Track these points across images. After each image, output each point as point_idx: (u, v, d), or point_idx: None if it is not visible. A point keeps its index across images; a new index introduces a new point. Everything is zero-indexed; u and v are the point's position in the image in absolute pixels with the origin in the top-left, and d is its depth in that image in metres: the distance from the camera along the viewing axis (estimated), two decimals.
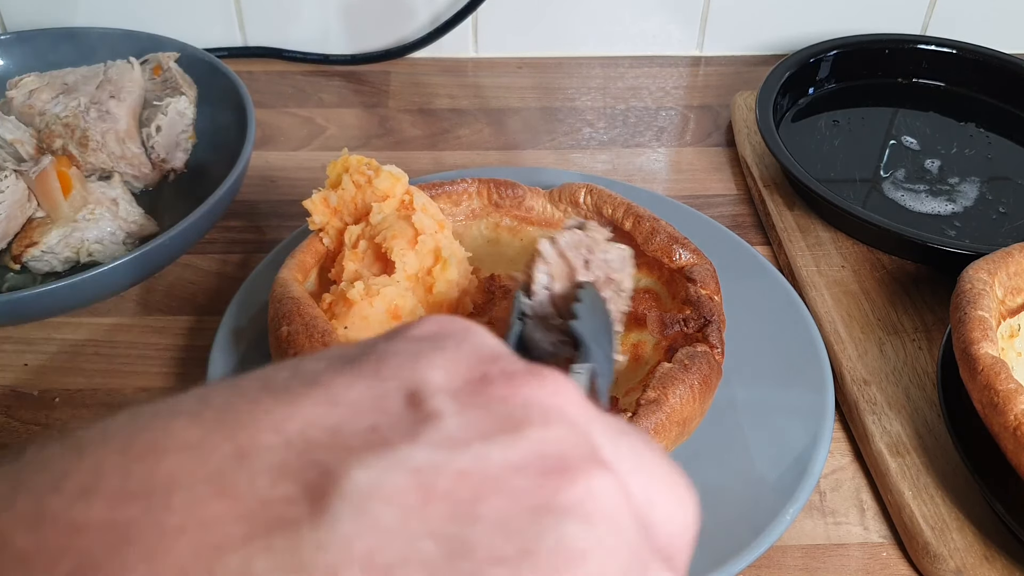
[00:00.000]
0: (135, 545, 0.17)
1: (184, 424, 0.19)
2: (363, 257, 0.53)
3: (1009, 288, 0.55)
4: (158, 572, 0.16)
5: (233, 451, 0.18)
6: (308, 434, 0.18)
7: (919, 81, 0.84)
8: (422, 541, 0.17)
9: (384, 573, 0.17)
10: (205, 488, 0.17)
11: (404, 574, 0.17)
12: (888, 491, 0.52)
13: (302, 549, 0.16)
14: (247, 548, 0.16)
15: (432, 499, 0.18)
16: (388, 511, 0.17)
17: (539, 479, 0.18)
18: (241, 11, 0.89)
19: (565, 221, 0.49)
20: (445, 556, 0.17)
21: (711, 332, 0.51)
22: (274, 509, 0.17)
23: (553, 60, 0.93)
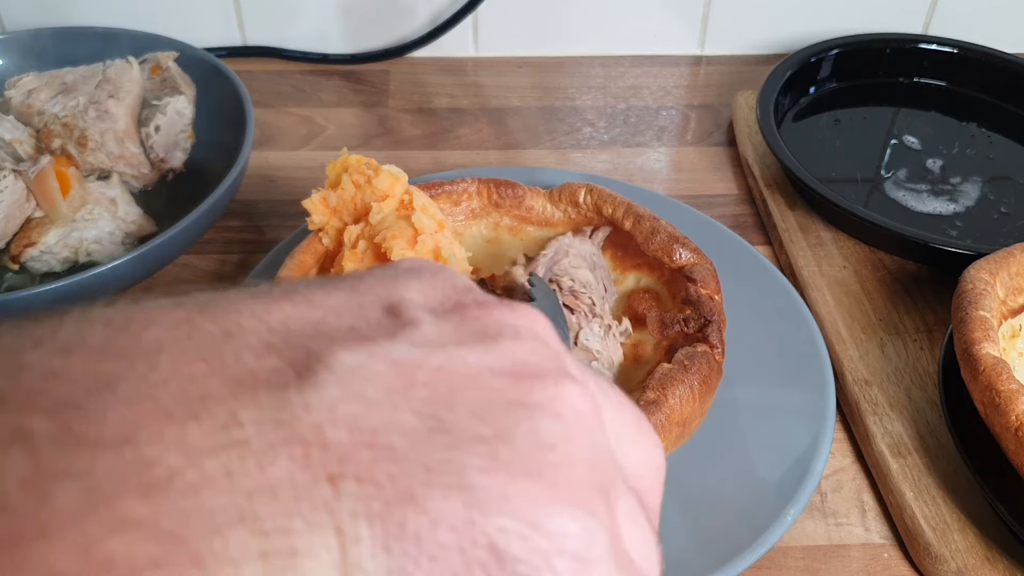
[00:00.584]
0: (117, 391, 0.16)
1: (168, 306, 0.19)
2: (362, 257, 0.53)
3: (1011, 288, 0.55)
4: (140, 416, 0.16)
5: (219, 331, 0.18)
6: (291, 325, 0.19)
7: (921, 81, 0.84)
8: (404, 415, 0.18)
9: (368, 436, 0.17)
10: (192, 353, 0.17)
11: (387, 439, 0.17)
12: (889, 492, 0.52)
13: (289, 406, 0.17)
14: (234, 400, 0.17)
15: (413, 386, 0.18)
16: (372, 387, 0.18)
17: (513, 380, 0.19)
18: (240, 10, 0.89)
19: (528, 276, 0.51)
20: (426, 430, 0.18)
21: (711, 332, 0.51)
22: (261, 375, 0.17)
23: (553, 59, 0.93)
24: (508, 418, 0.19)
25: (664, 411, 0.45)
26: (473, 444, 0.18)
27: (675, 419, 0.46)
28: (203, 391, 0.17)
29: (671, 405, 0.46)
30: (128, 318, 0.18)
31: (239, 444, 0.16)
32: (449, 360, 0.19)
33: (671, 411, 0.46)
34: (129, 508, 0.15)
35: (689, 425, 0.47)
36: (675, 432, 0.46)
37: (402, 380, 0.18)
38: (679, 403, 0.46)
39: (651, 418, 0.45)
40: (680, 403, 0.46)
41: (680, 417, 0.46)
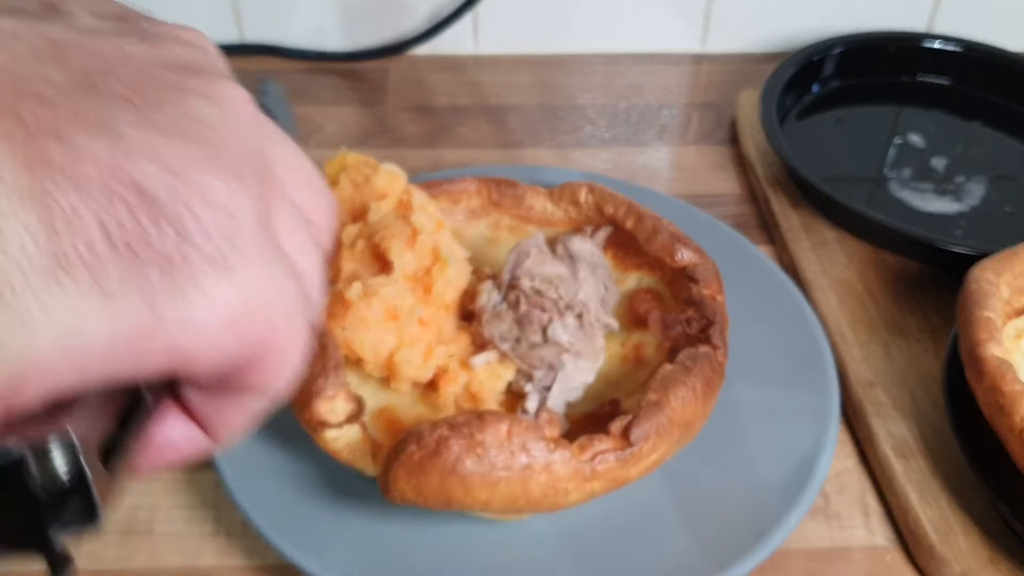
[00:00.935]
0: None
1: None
2: (361, 257, 0.52)
3: (1016, 288, 0.55)
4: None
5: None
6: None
7: (924, 79, 0.84)
8: (54, 72, 0.18)
9: (13, 80, 0.18)
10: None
11: (33, 87, 0.18)
12: (893, 494, 0.52)
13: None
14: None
15: (65, 58, 0.19)
16: (21, 45, 0.19)
17: (171, 70, 0.21)
18: (238, 7, 0.88)
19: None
20: (76, 86, 0.18)
21: (714, 333, 0.50)
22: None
23: (554, 57, 0.93)
24: (163, 94, 0.20)
25: (666, 412, 0.45)
26: (124, 104, 0.19)
27: (677, 420, 0.46)
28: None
29: (673, 406, 0.45)
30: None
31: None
32: (107, 45, 0.20)
33: (673, 412, 0.45)
34: None
35: (691, 427, 0.47)
36: (677, 433, 0.46)
37: (54, 50, 0.19)
38: (681, 404, 0.46)
39: (653, 419, 0.45)
40: (682, 404, 0.46)
41: (682, 419, 0.46)
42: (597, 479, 0.43)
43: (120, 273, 0.18)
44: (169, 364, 0.20)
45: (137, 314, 0.19)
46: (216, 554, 0.50)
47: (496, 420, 0.42)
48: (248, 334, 0.21)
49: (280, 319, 0.22)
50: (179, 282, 0.19)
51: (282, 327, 0.22)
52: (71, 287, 0.18)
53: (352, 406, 0.46)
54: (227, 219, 0.20)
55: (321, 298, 0.25)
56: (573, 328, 0.51)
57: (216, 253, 0.20)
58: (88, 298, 0.18)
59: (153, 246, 0.19)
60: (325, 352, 0.46)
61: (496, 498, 0.42)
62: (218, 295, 0.20)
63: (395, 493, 0.43)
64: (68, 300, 0.18)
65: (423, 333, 0.50)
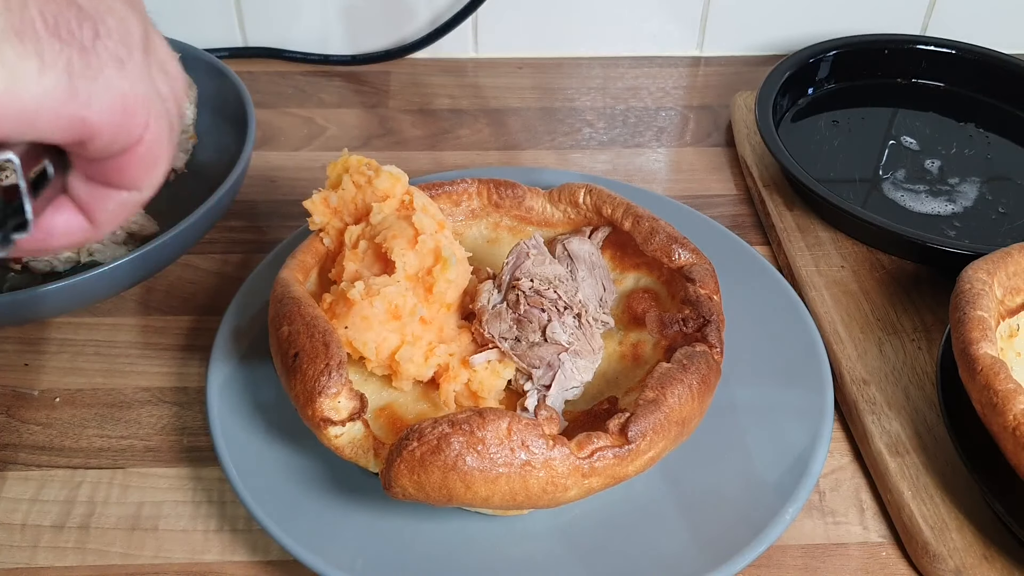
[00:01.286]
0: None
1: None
2: (363, 257, 0.53)
3: (1008, 288, 0.55)
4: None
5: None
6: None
7: (919, 81, 0.85)
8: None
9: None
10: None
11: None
12: (888, 491, 0.53)
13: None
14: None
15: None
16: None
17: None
18: (241, 11, 0.89)
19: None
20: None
21: (710, 332, 0.51)
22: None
23: (553, 60, 0.93)
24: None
25: (663, 410, 0.46)
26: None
27: (674, 418, 0.46)
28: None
29: (670, 404, 0.46)
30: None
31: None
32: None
33: (670, 410, 0.46)
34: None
35: (688, 424, 0.48)
36: (674, 431, 0.46)
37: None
38: (678, 402, 0.46)
39: (650, 417, 0.45)
40: (679, 402, 0.46)
41: (679, 416, 0.46)
42: (595, 475, 0.44)
43: (52, 50, 0.26)
44: (73, 130, 0.28)
45: (61, 82, 0.26)
46: (221, 550, 0.50)
47: (496, 417, 0.43)
48: (132, 119, 0.29)
49: (154, 116, 0.30)
50: (92, 66, 0.27)
51: (154, 124, 0.30)
52: (19, 48, 0.25)
53: (354, 403, 0.47)
54: (126, 32, 0.29)
55: (180, 124, 0.34)
56: (572, 327, 0.52)
57: (117, 52, 0.28)
58: (30, 60, 0.26)
59: (76, 37, 0.27)
60: (328, 350, 0.47)
61: (496, 494, 0.43)
62: (115, 82, 0.28)
63: (397, 489, 0.44)
64: (16, 58, 0.25)
65: (424, 332, 0.51)
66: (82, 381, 0.60)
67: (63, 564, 0.50)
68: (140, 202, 0.33)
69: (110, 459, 0.55)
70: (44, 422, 0.57)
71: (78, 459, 0.55)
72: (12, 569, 0.49)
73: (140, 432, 0.57)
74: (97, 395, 0.59)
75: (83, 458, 0.55)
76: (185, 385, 0.60)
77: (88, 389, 0.59)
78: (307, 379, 0.46)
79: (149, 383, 0.60)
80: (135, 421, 0.57)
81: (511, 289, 0.52)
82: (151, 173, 0.32)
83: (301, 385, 0.47)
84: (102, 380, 0.60)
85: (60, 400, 0.58)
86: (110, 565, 0.50)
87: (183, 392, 0.59)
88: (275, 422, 0.53)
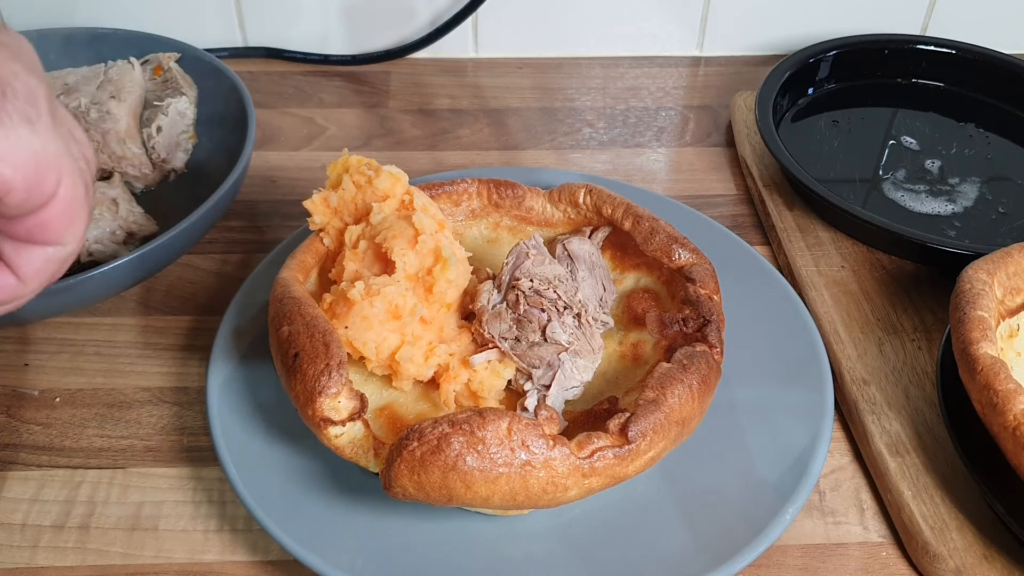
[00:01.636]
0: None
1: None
2: (363, 257, 0.53)
3: (1008, 288, 0.55)
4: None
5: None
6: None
7: (919, 81, 0.85)
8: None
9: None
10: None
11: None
12: (887, 491, 0.53)
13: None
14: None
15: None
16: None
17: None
18: (241, 11, 0.89)
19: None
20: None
21: (710, 332, 0.51)
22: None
23: (553, 60, 0.93)
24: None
25: (663, 410, 0.46)
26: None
27: (674, 418, 0.46)
28: None
29: (670, 404, 0.46)
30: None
31: None
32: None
33: (670, 410, 0.46)
34: None
35: (688, 424, 0.48)
36: (674, 431, 0.46)
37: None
38: (678, 402, 0.46)
39: (650, 417, 0.45)
40: (679, 402, 0.46)
41: (679, 416, 0.46)
42: (595, 475, 0.44)
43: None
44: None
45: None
46: (221, 549, 0.50)
47: (496, 417, 0.43)
48: (45, 175, 0.31)
49: (67, 172, 0.32)
50: (4, 125, 0.30)
51: (68, 180, 0.32)
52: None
53: (355, 403, 0.47)
54: (32, 95, 0.31)
55: (93, 175, 0.36)
56: (572, 327, 0.52)
57: (26, 113, 0.31)
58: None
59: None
60: (328, 350, 0.47)
61: (496, 494, 0.43)
62: (26, 140, 0.31)
63: (397, 489, 0.44)
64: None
65: (425, 332, 0.51)
66: (82, 381, 0.60)
67: (63, 564, 0.50)
68: (66, 256, 0.35)
69: (110, 459, 0.55)
70: (44, 422, 0.57)
71: (78, 459, 0.55)
72: (12, 569, 0.49)
73: (140, 432, 0.57)
74: (97, 395, 0.59)
75: (83, 458, 0.55)
76: (185, 385, 0.60)
77: (88, 389, 0.59)
78: (307, 379, 0.46)
79: (149, 383, 0.60)
80: (135, 421, 0.57)
81: (511, 289, 0.52)
82: (71, 228, 0.34)
83: (301, 385, 0.47)
84: (102, 380, 0.60)
85: (60, 400, 0.58)
86: (110, 565, 0.50)
87: (183, 392, 0.59)
88: (275, 422, 0.53)
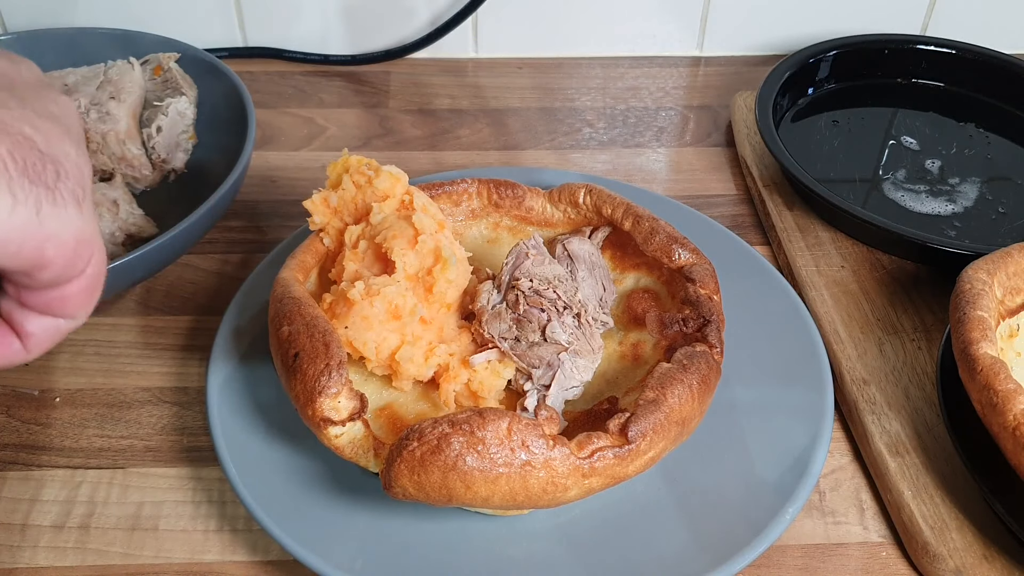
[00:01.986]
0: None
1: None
2: (363, 257, 0.53)
3: (1008, 288, 0.55)
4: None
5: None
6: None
7: (919, 81, 0.85)
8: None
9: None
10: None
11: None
12: (887, 491, 0.53)
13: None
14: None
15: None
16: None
17: (31, 82, 0.34)
18: (241, 11, 0.89)
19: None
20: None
21: (710, 332, 0.51)
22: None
23: (553, 60, 0.93)
24: (30, 94, 0.33)
25: (663, 410, 0.46)
26: (10, 96, 0.32)
27: (674, 418, 0.46)
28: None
29: (670, 404, 0.46)
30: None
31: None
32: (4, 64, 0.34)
33: (670, 410, 0.46)
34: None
35: (688, 424, 0.48)
36: (674, 431, 0.46)
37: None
38: (678, 402, 0.46)
39: (650, 417, 0.45)
40: (679, 402, 0.46)
41: (679, 416, 0.46)
42: (595, 475, 0.44)
43: (23, 188, 0.29)
44: (30, 261, 0.31)
45: (30, 218, 0.30)
46: (221, 549, 0.50)
47: (496, 417, 0.43)
48: (82, 253, 0.32)
49: (97, 248, 0.33)
50: (57, 204, 0.30)
51: (96, 258, 0.33)
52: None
53: (355, 403, 0.47)
54: (80, 173, 0.32)
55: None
56: (571, 327, 0.52)
57: (75, 192, 0.31)
58: (4, 198, 0.29)
59: (42, 177, 0.30)
60: (328, 350, 0.47)
61: (496, 494, 0.43)
62: (74, 220, 0.31)
63: (397, 489, 0.44)
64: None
65: (425, 332, 0.51)
66: (82, 381, 0.60)
67: (63, 564, 0.50)
68: (73, 329, 0.36)
69: (110, 459, 0.55)
70: (44, 422, 0.57)
71: (78, 459, 0.55)
72: (12, 569, 0.49)
73: (140, 432, 0.57)
74: (97, 395, 0.59)
75: (83, 458, 0.55)
76: (185, 385, 0.60)
77: (88, 389, 0.59)
78: (307, 379, 0.46)
79: (149, 383, 0.60)
80: (135, 421, 0.57)
81: (510, 289, 0.52)
82: (89, 303, 0.35)
83: (301, 385, 0.47)
84: (102, 380, 0.60)
85: (60, 400, 0.58)
86: (110, 565, 0.50)
87: (183, 392, 0.59)
88: (275, 422, 0.53)
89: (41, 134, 0.31)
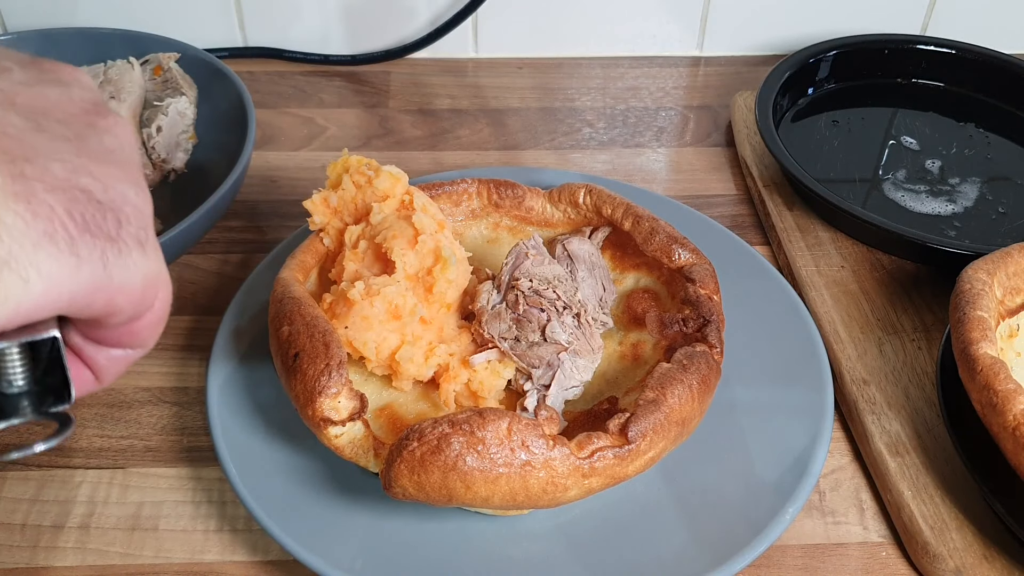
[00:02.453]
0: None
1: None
2: (363, 257, 0.53)
3: (1008, 288, 0.55)
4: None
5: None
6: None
7: (919, 81, 0.85)
8: (13, 117, 0.29)
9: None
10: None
11: (2, 128, 0.28)
12: (887, 491, 0.53)
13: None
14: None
15: (15, 103, 0.29)
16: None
17: (85, 109, 0.32)
18: (241, 11, 0.89)
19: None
20: (30, 128, 0.29)
21: (710, 332, 0.51)
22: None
23: (553, 60, 0.93)
24: (85, 131, 0.31)
25: (663, 410, 0.46)
26: (64, 141, 0.29)
27: (674, 418, 0.46)
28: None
29: (670, 404, 0.46)
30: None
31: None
32: (38, 93, 0.31)
33: (670, 410, 0.46)
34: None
35: (688, 424, 0.48)
36: (674, 431, 0.46)
37: (5, 98, 0.29)
38: (678, 402, 0.46)
39: (650, 417, 0.45)
40: (679, 402, 0.46)
41: (679, 416, 0.47)
42: (595, 475, 0.44)
43: (87, 244, 0.28)
44: (104, 309, 0.30)
45: (97, 272, 0.28)
46: (221, 549, 0.50)
47: (496, 417, 0.43)
48: (151, 293, 0.32)
49: (163, 283, 0.32)
50: (122, 253, 0.29)
51: (163, 292, 0.33)
52: (55, 253, 0.27)
53: (355, 403, 0.47)
54: (141, 216, 0.31)
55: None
56: (571, 327, 0.52)
57: (138, 236, 0.30)
58: (66, 260, 0.27)
59: (103, 229, 0.29)
60: (328, 350, 0.47)
61: (496, 494, 0.43)
62: (140, 264, 0.30)
63: (397, 489, 0.44)
64: (53, 262, 0.27)
65: (424, 332, 0.51)
66: None
67: (63, 564, 0.50)
68: (142, 356, 0.36)
69: (110, 459, 0.55)
70: (44, 422, 0.57)
71: (78, 459, 0.55)
72: (12, 569, 0.49)
73: (140, 432, 0.57)
74: (97, 395, 0.59)
75: (83, 458, 0.55)
76: (185, 385, 0.60)
77: None
78: (307, 379, 0.46)
79: (149, 383, 0.60)
80: (135, 421, 0.57)
81: (510, 289, 0.52)
82: (157, 333, 0.34)
83: (301, 385, 0.47)
84: None
85: None
86: (110, 565, 0.50)
87: (183, 392, 0.59)
88: (275, 422, 0.53)
89: (99, 181, 0.29)
